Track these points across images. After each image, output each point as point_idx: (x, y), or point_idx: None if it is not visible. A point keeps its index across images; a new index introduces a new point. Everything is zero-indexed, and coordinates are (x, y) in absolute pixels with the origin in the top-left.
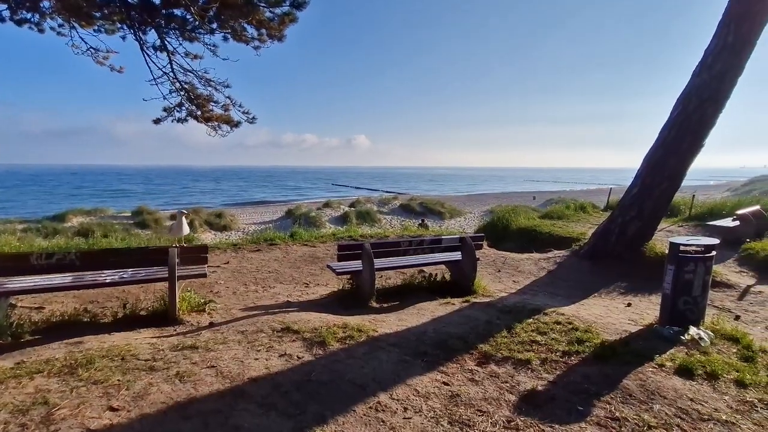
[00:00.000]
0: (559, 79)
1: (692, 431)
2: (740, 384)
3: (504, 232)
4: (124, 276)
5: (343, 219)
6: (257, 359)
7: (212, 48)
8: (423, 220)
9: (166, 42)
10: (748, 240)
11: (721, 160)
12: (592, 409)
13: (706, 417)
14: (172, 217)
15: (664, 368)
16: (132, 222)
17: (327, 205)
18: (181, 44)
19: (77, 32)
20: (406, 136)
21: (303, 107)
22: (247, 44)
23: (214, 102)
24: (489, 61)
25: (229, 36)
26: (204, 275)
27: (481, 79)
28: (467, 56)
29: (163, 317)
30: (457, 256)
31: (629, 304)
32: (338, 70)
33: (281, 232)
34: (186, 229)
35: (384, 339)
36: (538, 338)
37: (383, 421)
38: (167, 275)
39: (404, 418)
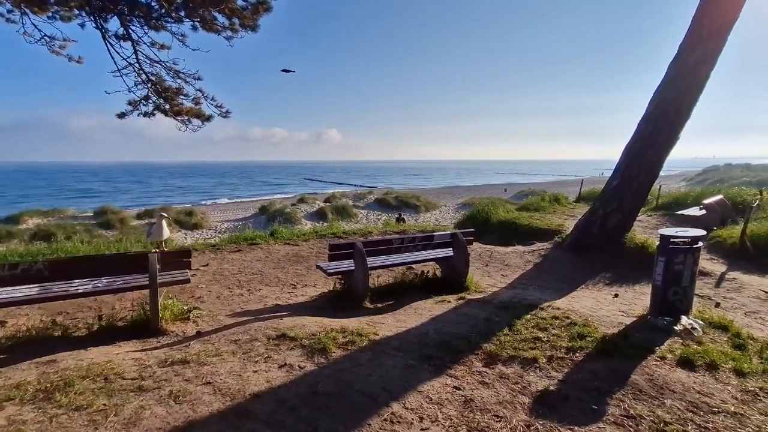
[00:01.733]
0: (530, 73)
1: (705, 425)
2: (739, 373)
3: (484, 225)
4: (98, 285)
5: (319, 215)
6: (256, 372)
7: (180, 38)
8: (400, 215)
9: (130, 30)
10: (715, 228)
11: (674, 151)
12: (607, 408)
13: (715, 410)
14: (139, 216)
15: (666, 361)
16: (95, 222)
17: (302, 200)
18: (146, 33)
19: (29, 19)
20: (378, 130)
21: (272, 101)
22: (219, 34)
23: (184, 95)
24: (460, 55)
25: (198, 25)
26: (187, 281)
27: (452, 73)
28: (438, 50)
29: (144, 328)
30: (448, 252)
31: (616, 295)
32: (307, 63)
33: (258, 230)
34: (167, 233)
35: (386, 343)
36: (540, 335)
37: None
38: (147, 282)
39: (421, 429)
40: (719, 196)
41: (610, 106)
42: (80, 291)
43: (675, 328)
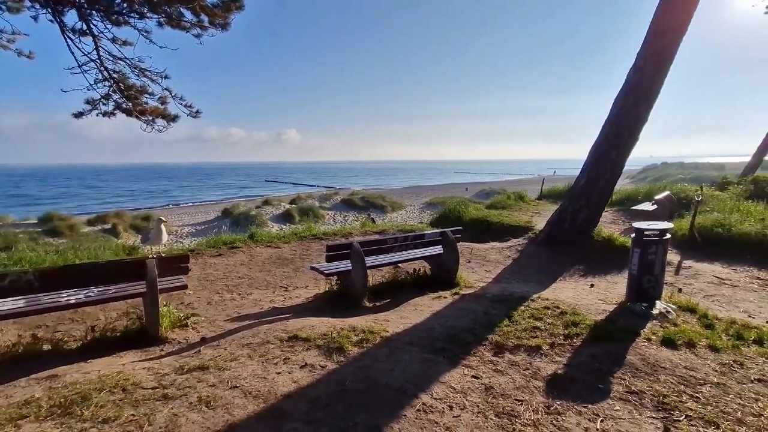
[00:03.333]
0: (486, 75)
1: (696, 395)
2: (714, 349)
3: (457, 223)
4: (90, 295)
5: (285, 217)
6: (279, 373)
7: (145, 34)
8: (369, 215)
9: (91, 25)
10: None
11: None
12: (611, 386)
13: (702, 381)
14: (91, 222)
15: (652, 342)
16: (40, 230)
17: (267, 202)
18: (108, 28)
19: None
20: (338, 130)
21: (229, 100)
22: (187, 31)
23: (149, 94)
24: (416, 57)
25: (164, 22)
26: (185, 287)
27: (408, 74)
28: (398, 50)
29: (141, 337)
30: (438, 250)
31: (592, 285)
32: (266, 61)
33: (222, 234)
34: (165, 237)
35: (398, 339)
36: (538, 324)
37: (436, 423)
38: (142, 290)
39: (454, 417)
40: (667, 192)
41: (559, 108)
42: (72, 302)
43: (652, 312)
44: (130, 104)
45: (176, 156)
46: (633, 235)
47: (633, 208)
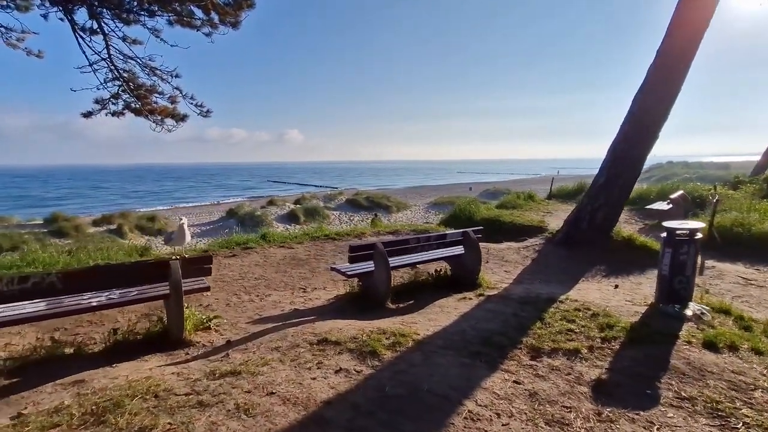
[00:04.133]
0: (489, 75)
1: (749, 401)
2: (757, 352)
3: (468, 223)
4: (112, 297)
5: (290, 217)
6: (315, 379)
7: (155, 32)
8: (376, 215)
9: (102, 23)
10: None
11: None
12: (660, 392)
13: (753, 386)
14: (96, 223)
15: (693, 345)
16: (46, 231)
17: (271, 203)
18: (118, 27)
19: None
20: (339, 130)
21: (231, 100)
22: (197, 30)
23: (159, 93)
24: (418, 56)
25: (173, 20)
26: (207, 288)
27: (409, 74)
28: (396, 51)
29: (163, 340)
30: (459, 250)
31: (616, 286)
32: (269, 62)
33: (225, 234)
34: (188, 238)
35: (430, 342)
36: (571, 326)
37: (485, 431)
38: (164, 292)
39: (503, 425)
40: (681, 192)
41: (560, 108)
42: (94, 304)
43: (686, 314)
44: (139, 104)
45: (178, 156)
46: (664, 235)
47: (648, 207)
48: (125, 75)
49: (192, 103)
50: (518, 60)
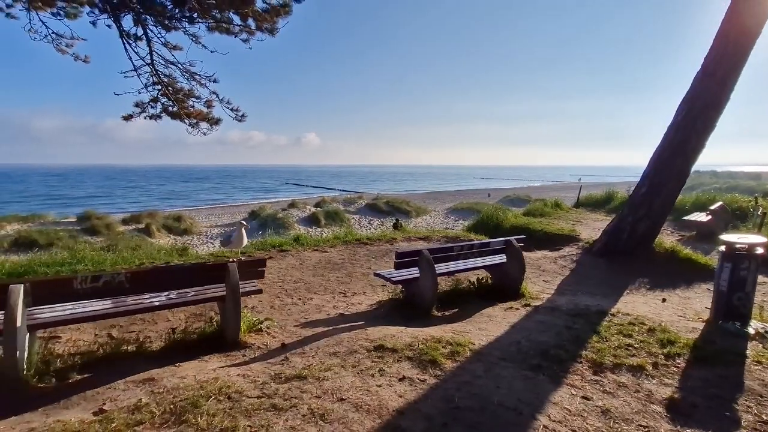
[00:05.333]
0: (511, 79)
1: None
2: None
3: (496, 231)
4: (172, 297)
5: (311, 220)
6: (380, 386)
7: (194, 38)
8: (398, 220)
9: (148, 30)
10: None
11: (635, 159)
12: (739, 414)
13: None
14: (125, 222)
15: (764, 365)
16: (79, 228)
17: (292, 205)
18: (159, 33)
19: (38, 16)
20: (356, 134)
21: (250, 103)
22: (236, 36)
23: (196, 97)
24: (436, 59)
25: (212, 26)
26: (260, 291)
27: (427, 77)
28: (414, 56)
29: (218, 340)
30: (501, 259)
31: (664, 300)
32: (288, 66)
33: (254, 235)
34: (245, 241)
35: (487, 353)
36: (629, 341)
37: None
38: (223, 294)
39: None
40: (720, 203)
41: (580, 113)
42: (156, 304)
43: (748, 332)
44: (176, 107)
45: (199, 158)
46: (722, 248)
47: (685, 218)
48: (165, 80)
49: (228, 108)
50: (539, 63)
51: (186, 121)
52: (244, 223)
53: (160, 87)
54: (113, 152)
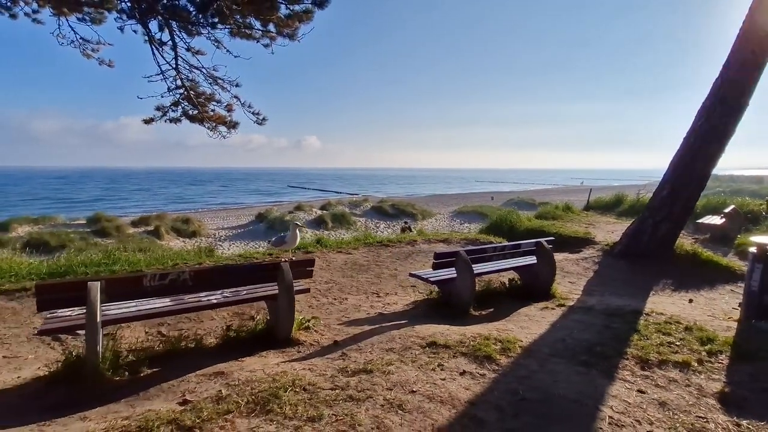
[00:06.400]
0: (510, 82)
1: None
2: None
3: (510, 233)
4: (226, 295)
5: (318, 222)
6: (444, 380)
7: (216, 43)
8: (406, 222)
9: (175, 36)
10: (739, 235)
11: (644, 161)
12: None
13: None
14: (134, 224)
15: None
16: (89, 230)
17: (299, 208)
18: (183, 38)
19: (67, 21)
20: (356, 137)
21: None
22: (258, 41)
23: (216, 101)
24: (436, 63)
25: (234, 32)
26: (308, 290)
27: (427, 80)
28: (413, 60)
29: (268, 337)
30: (532, 260)
31: (691, 300)
32: (287, 68)
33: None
34: (298, 241)
35: (536, 349)
36: (669, 339)
37: None
38: (274, 292)
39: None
40: (732, 206)
41: (578, 117)
42: (213, 302)
43: None
44: (196, 111)
45: (198, 161)
46: (753, 250)
47: (699, 221)
48: (188, 84)
49: (249, 111)
50: (539, 66)
51: (205, 124)
52: (299, 224)
53: (183, 91)
54: (112, 154)
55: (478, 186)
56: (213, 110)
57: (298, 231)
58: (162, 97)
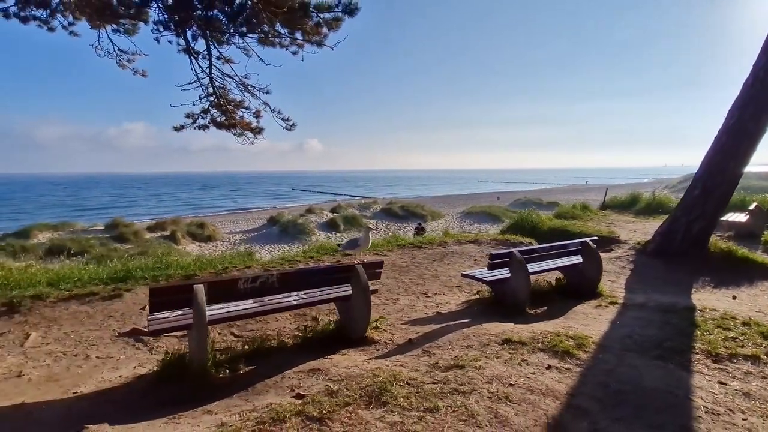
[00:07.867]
0: (512, 83)
1: None
2: None
3: (533, 232)
4: (303, 297)
5: (330, 225)
6: (534, 374)
7: (245, 51)
8: (420, 224)
9: (210, 45)
10: (765, 232)
11: (644, 159)
12: None
13: None
14: (150, 229)
15: None
16: (108, 236)
17: (310, 211)
18: (214, 47)
19: (106, 32)
20: (358, 139)
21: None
22: (286, 49)
23: (245, 108)
24: (436, 63)
25: (261, 40)
26: (376, 291)
27: (429, 82)
28: (413, 62)
29: (341, 337)
30: (577, 259)
31: (734, 297)
32: (287, 70)
33: (269, 241)
34: (370, 244)
35: (608, 345)
36: (731, 334)
37: (734, 425)
38: (348, 293)
39: (743, 419)
40: (755, 203)
41: (581, 117)
42: (294, 303)
43: None
44: (224, 118)
45: (201, 165)
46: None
47: (722, 219)
48: (219, 92)
49: (279, 117)
50: (540, 67)
51: (232, 131)
52: (372, 227)
53: (213, 98)
54: (116, 160)
55: (483, 186)
56: (241, 116)
57: (370, 234)
58: (194, 105)
